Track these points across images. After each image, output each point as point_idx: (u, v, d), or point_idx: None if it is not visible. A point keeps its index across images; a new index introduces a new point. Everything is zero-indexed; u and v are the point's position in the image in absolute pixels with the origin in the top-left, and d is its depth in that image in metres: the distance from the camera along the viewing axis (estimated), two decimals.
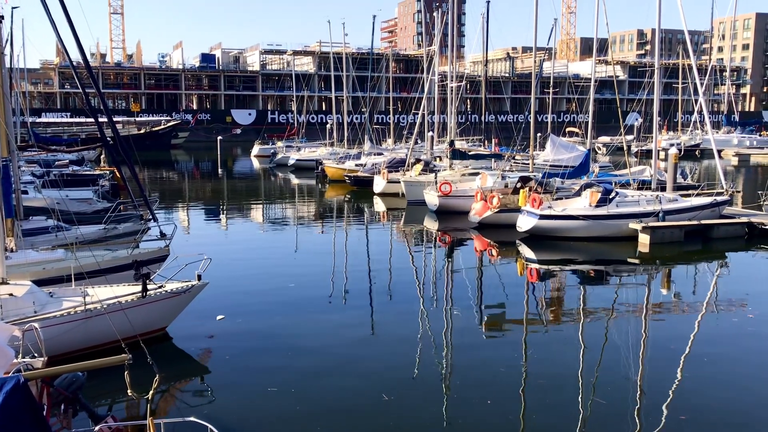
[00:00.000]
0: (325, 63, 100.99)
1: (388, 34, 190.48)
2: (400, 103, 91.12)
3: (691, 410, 11.35)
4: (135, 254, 16.87)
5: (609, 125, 75.33)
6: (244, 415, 11.20)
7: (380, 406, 11.47)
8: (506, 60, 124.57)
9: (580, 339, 15.22)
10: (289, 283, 19.80)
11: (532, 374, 12.99)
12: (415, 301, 18.29)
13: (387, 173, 39.28)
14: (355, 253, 25.28)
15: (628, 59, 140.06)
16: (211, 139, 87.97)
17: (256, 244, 27.28)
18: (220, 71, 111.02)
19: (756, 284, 20.75)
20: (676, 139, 73.57)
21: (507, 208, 28.04)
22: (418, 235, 29.71)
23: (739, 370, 13.38)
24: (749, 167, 64.72)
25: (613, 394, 11.90)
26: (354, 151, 54.74)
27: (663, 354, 14.18)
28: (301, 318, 16.43)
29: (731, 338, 15.39)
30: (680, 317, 17.34)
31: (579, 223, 25.68)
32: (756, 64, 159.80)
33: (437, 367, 13.38)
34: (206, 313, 16.13)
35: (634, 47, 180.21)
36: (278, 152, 65.03)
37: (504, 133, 60.47)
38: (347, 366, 13.39)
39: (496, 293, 19.61)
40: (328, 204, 40.42)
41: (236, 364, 13.40)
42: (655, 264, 23.52)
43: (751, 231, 26.45)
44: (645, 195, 27.25)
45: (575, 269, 23.33)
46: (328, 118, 77.21)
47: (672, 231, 25.46)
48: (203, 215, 36.29)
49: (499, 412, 11.29)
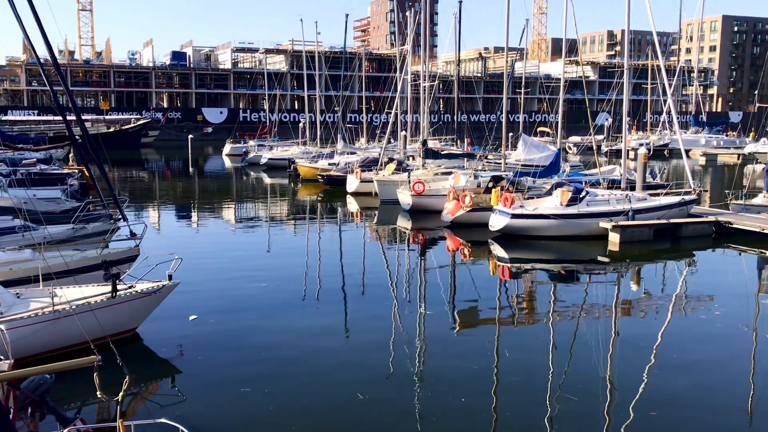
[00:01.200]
0: (297, 62, 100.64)
1: (360, 33, 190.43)
2: (373, 102, 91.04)
3: (660, 406, 11.51)
4: (104, 254, 16.62)
5: (580, 125, 76.10)
6: (216, 415, 11.10)
7: (355, 405, 11.46)
8: (478, 60, 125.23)
9: (552, 337, 15.36)
10: (261, 283, 19.69)
11: (504, 372, 13.08)
12: (389, 300, 18.30)
13: (360, 172, 39.26)
14: (328, 253, 25.22)
15: (598, 60, 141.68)
16: (182, 137, 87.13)
17: (228, 243, 27.08)
18: (191, 69, 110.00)
19: (723, 282, 21.12)
20: (645, 139, 74.65)
21: (479, 207, 28.20)
22: (391, 234, 29.74)
23: (707, 366, 13.61)
24: (716, 167, 65.88)
25: (584, 390, 12.03)
26: (327, 150, 54.62)
27: (633, 351, 14.37)
28: (274, 318, 16.34)
29: (699, 335, 15.65)
30: (649, 315, 17.59)
31: (550, 222, 25.91)
32: (723, 66, 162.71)
33: (411, 365, 13.40)
34: (178, 314, 15.97)
35: (604, 48, 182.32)
36: (250, 151, 64.65)
37: (476, 133, 60.81)
38: (321, 365, 13.34)
39: (468, 292, 19.71)
40: (300, 203, 40.27)
41: (208, 364, 13.29)
42: (624, 262, 23.83)
43: (718, 229, 26.92)
44: (615, 194, 27.59)
45: (546, 268, 23.54)
46: (300, 117, 76.98)
47: (641, 230, 25.81)
48: (174, 215, 35.94)
49: (473, 409, 11.34)
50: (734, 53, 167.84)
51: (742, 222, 26.69)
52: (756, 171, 52.37)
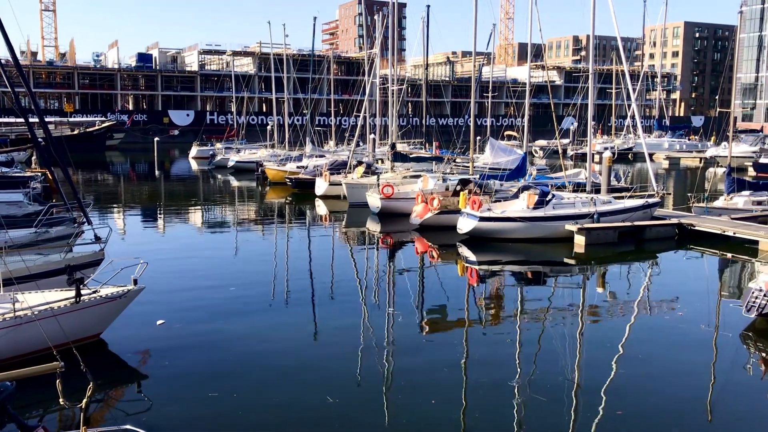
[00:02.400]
0: (265, 64, 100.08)
1: (329, 36, 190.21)
2: (342, 105, 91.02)
3: (626, 405, 11.68)
4: (68, 258, 16.36)
5: (546, 129, 77.12)
6: (183, 421, 10.98)
7: (324, 409, 11.42)
8: (446, 64, 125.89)
9: (519, 338, 15.49)
10: (229, 287, 19.53)
11: (473, 373, 13.16)
12: (357, 303, 18.29)
13: (329, 175, 39.19)
14: (296, 256, 25.12)
15: (564, 64, 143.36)
16: (147, 140, 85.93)
17: (195, 247, 26.81)
18: (157, 71, 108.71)
19: (686, 283, 21.52)
20: (609, 142, 75.74)
21: (447, 210, 28.34)
22: (360, 237, 29.73)
23: (671, 365, 13.85)
24: (679, 170, 67.09)
25: (552, 391, 12.16)
26: (295, 153, 54.41)
27: (599, 351, 14.57)
28: (242, 322, 16.22)
29: (663, 335, 15.91)
30: (615, 316, 17.84)
31: (517, 225, 26.14)
32: (685, 71, 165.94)
33: (380, 368, 13.41)
34: (144, 319, 15.77)
35: (570, 53, 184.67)
36: (217, 154, 64.09)
37: (444, 136, 61.08)
38: (290, 369, 13.29)
39: (437, 295, 19.79)
40: (268, 206, 40.05)
41: (175, 369, 13.13)
42: (590, 264, 24.14)
43: (681, 231, 27.41)
44: (580, 197, 27.95)
45: (514, 270, 23.75)
46: (268, 119, 76.52)
47: (606, 232, 26.18)
48: (140, 218, 35.48)
49: (443, 411, 11.40)
50: (696, 59, 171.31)
51: (704, 224, 27.22)
52: (717, 174, 53.46)
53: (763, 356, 15.01)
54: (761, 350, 15.25)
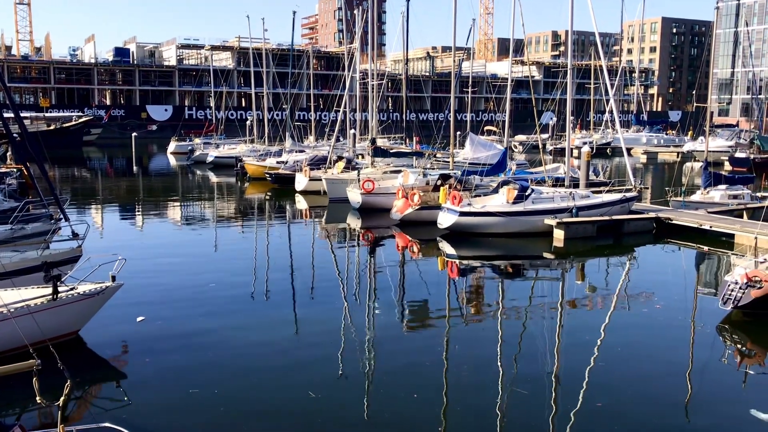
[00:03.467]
0: (244, 59, 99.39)
1: (308, 31, 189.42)
2: (322, 100, 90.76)
3: (606, 397, 11.80)
4: (45, 255, 16.16)
5: (525, 124, 77.51)
6: (164, 418, 10.92)
7: (307, 404, 11.41)
8: (426, 59, 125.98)
9: (500, 332, 15.57)
10: (209, 283, 19.42)
11: (455, 367, 13.21)
12: (338, 298, 18.27)
13: (309, 171, 39.06)
14: (277, 252, 25.04)
15: (543, 60, 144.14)
16: (125, 135, 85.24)
17: (174, 244, 26.61)
18: (134, 66, 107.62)
19: (663, 276, 21.75)
20: (588, 137, 76.26)
21: (428, 205, 28.38)
22: (340, 232, 29.69)
23: (650, 357, 14.00)
24: (657, 164, 67.78)
25: (532, 384, 12.24)
26: (275, 149, 54.15)
27: (578, 344, 14.69)
28: (222, 318, 16.13)
29: (642, 328, 16.08)
30: (594, 309, 17.99)
31: (497, 220, 26.25)
32: (662, 66, 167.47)
33: (362, 363, 13.42)
34: (123, 316, 15.63)
35: (549, 48, 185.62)
36: (196, 149, 63.64)
37: (425, 132, 61.19)
38: (271, 364, 13.25)
39: (418, 289, 19.83)
40: (248, 202, 39.86)
41: (156, 366, 13.04)
42: (569, 258, 24.31)
43: (659, 225, 27.69)
44: (559, 192, 28.12)
45: (494, 264, 23.86)
46: (247, 114, 76.21)
47: (585, 226, 26.38)
48: (118, 215, 35.14)
49: (425, 404, 11.44)
50: (673, 54, 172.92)
51: (681, 218, 27.51)
52: (694, 168, 54.09)
53: (739, 348, 15.23)
54: (737, 342, 15.47)
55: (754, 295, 15.54)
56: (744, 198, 31.39)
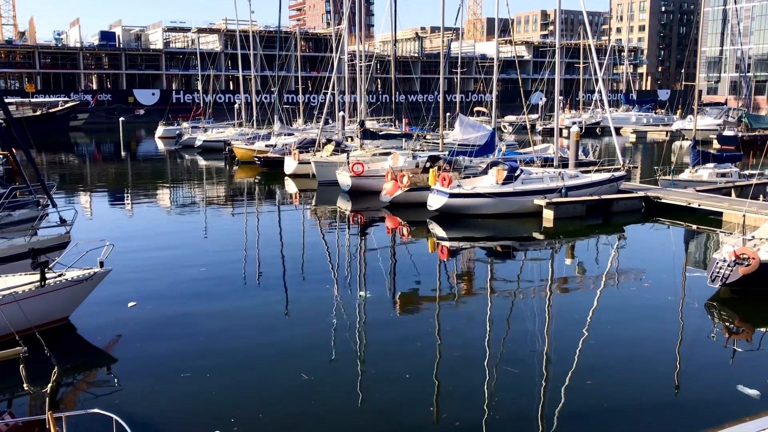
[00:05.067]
0: (231, 41, 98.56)
1: (296, 12, 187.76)
2: (310, 82, 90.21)
3: (596, 375, 11.88)
4: (33, 242, 16.06)
5: (515, 104, 77.33)
6: (155, 402, 10.92)
7: (299, 386, 11.43)
8: (415, 40, 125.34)
9: (490, 312, 15.63)
10: (199, 267, 19.37)
11: (446, 348, 13.27)
12: (329, 281, 18.28)
13: (298, 154, 38.91)
14: (267, 236, 24.99)
15: (532, 40, 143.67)
16: (112, 120, 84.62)
17: (164, 229, 26.51)
18: (120, 50, 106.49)
19: (652, 255, 21.87)
20: (577, 117, 76.25)
21: (417, 187, 28.35)
22: (330, 215, 29.65)
23: (639, 335, 14.11)
24: (646, 144, 67.93)
25: (523, 363, 12.31)
26: (263, 132, 53.83)
27: (568, 323, 14.78)
28: (214, 302, 16.12)
29: (631, 306, 16.18)
30: (583, 288, 18.09)
31: (487, 201, 26.27)
32: (651, 45, 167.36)
33: (354, 345, 13.45)
34: (114, 301, 15.61)
35: (538, 28, 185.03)
36: (184, 133, 63.23)
37: (414, 113, 60.95)
38: (263, 348, 13.26)
39: (408, 271, 19.84)
40: (237, 186, 39.71)
41: (147, 351, 13.03)
42: (558, 238, 24.39)
43: (647, 204, 27.79)
44: (548, 172, 28.14)
45: (484, 245, 23.91)
46: (235, 97, 75.60)
47: (574, 206, 26.44)
48: (107, 200, 34.94)
49: (417, 385, 11.50)
50: (662, 33, 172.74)
51: (669, 197, 27.62)
52: (683, 147, 54.22)
53: (727, 325, 15.36)
54: (725, 319, 15.59)
55: (742, 272, 15.64)
56: (732, 176, 31.53)
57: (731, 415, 9.26)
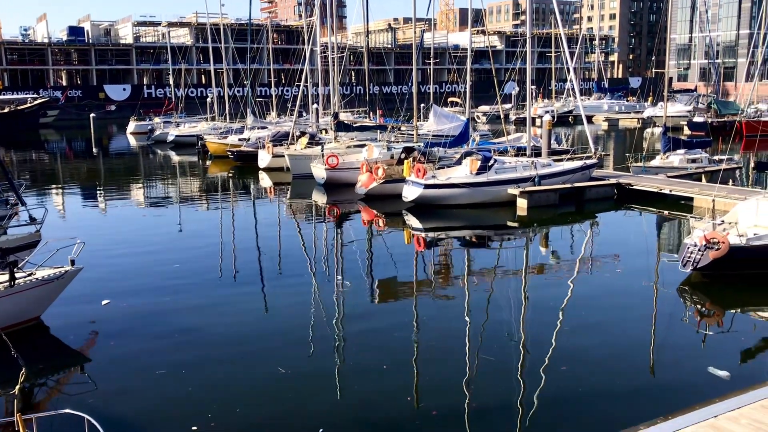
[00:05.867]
0: (202, 35, 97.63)
1: (267, 5, 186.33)
2: (283, 75, 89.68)
3: (571, 361, 12.01)
4: (1, 241, 15.81)
5: (488, 94, 77.54)
6: (130, 401, 10.82)
7: (277, 380, 11.41)
8: (388, 31, 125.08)
9: (467, 302, 15.72)
10: (174, 264, 19.21)
11: (424, 338, 13.33)
12: (306, 275, 18.24)
13: (272, 147, 38.69)
14: (242, 231, 24.84)
15: (504, 29, 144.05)
16: (83, 116, 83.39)
17: (137, 225, 26.22)
18: (90, 45, 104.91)
19: (625, 241, 22.12)
20: (550, 106, 76.70)
21: (392, 178, 28.36)
22: (306, 209, 29.56)
23: (612, 320, 14.29)
24: (618, 131, 68.52)
25: (499, 350, 12.42)
26: (236, 126, 53.40)
27: (543, 310, 14.91)
28: (189, 298, 16.01)
29: (605, 292, 16.38)
30: (558, 275, 18.25)
31: (461, 191, 26.36)
32: (622, 33, 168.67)
33: (332, 337, 13.44)
34: (87, 299, 15.43)
35: (510, 17, 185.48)
36: (156, 128, 62.51)
37: (388, 104, 60.94)
38: (240, 342, 13.20)
39: (385, 263, 19.86)
40: (211, 181, 39.41)
41: (121, 349, 12.90)
42: (532, 227, 24.57)
43: (620, 191, 28.08)
44: (521, 161, 28.30)
45: (459, 235, 24.01)
46: (208, 91, 75.01)
47: (547, 195, 26.64)
48: (79, 198, 34.49)
49: (396, 375, 11.56)
50: (633, 21, 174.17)
51: (641, 183, 27.93)
52: (654, 134, 54.83)
53: (698, 309, 15.61)
54: (696, 303, 15.84)
55: (713, 256, 15.88)
56: (702, 162, 31.96)
57: (702, 396, 9.41)
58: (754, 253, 16.26)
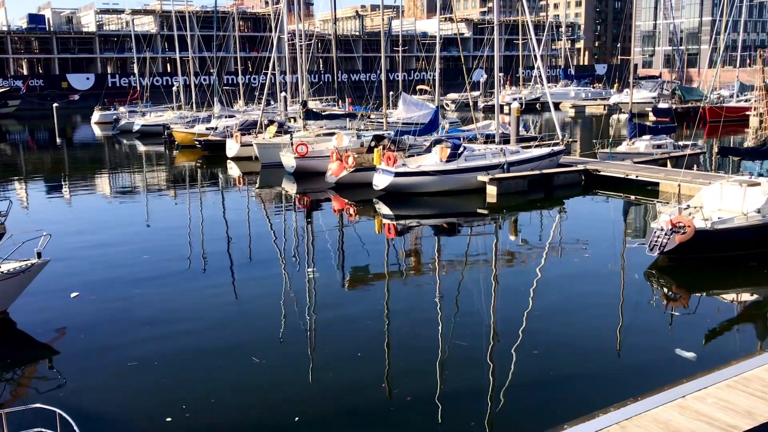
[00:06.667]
0: (167, 22, 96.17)
1: None
2: (250, 63, 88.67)
3: (542, 344, 12.18)
4: None
5: (457, 82, 77.67)
6: (102, 394, 10.72)
7: (250, 369, 11.39)
8: (356, 18, 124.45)
9: (439, 288, 15.81)
10: (143, 255, 18.99)
11: (396, 325, 13.40)
12: (277, 264, 18.18)
13: (240, 136, 38.35)
14: (210, 221, 24.62)
15: (472, 17, 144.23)
16: (46, 106, 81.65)
17: (103, 216, 25.84)
18: (51, 33, 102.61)
19: (592, 226, 22.42)
20: (518, 93, 77.10)
21: (363, 167, 28.31)
22: (276, 198, 29.40)
23: (582, 304, 14.50)
24: (585, 118, 69.23)
25: (472, 336, 12.52)
26: (203, 114, 52.75)
27: (514, 295, 15.08)
28: (159, 289, 15.86)
29: (574, 277, 16.59)
30: (527, 261, 18.45)
31: (432, 179, 26.44)
32: (588, 20, 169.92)
33: (304, 326, 13.44)
34: (56, 292, 15.21)
35: (477, 4, 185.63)
36: (121, 118, 61.50)
37: (357, 92, 60.69)
38: (212, 333, 13.12)
39: (356, 251, 19.87)
40: (178, 171, 38.96)
41: (91, 341, 12.74)
42: (502, 213, 24.77)
43: (587, 177, 28.40)
44: (491, 148, 28.46)
45: (430, 223, 24.12)
46: (174, 80, 73.93)
47: (517, 181, 26.85)
48: (43, 190, 33.84)
49: (370, 362, 11.61)
50: (598, 8, 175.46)
51: (608, 169, 28.28)
52: (620, 120, 55.46)
53: (665, 292, 15.91)
54: (663, 286, 16.15)
55: (679, 240, 16.18)
56: (667, 147, 32.44)
57: (671, 377, 9.61)
58: (718, 237, 16.62)
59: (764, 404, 8.29)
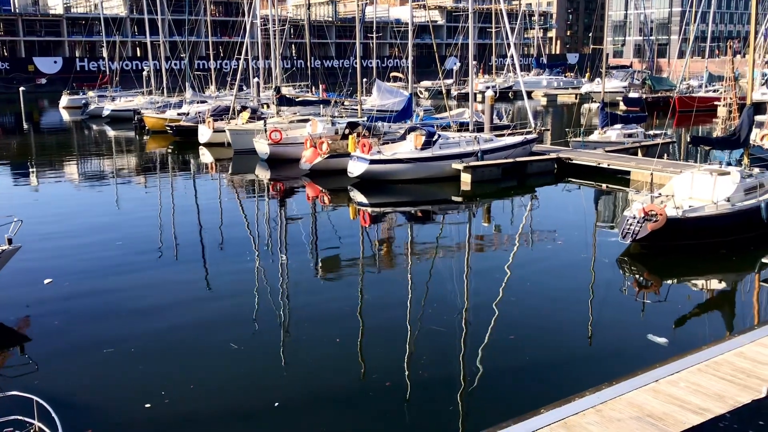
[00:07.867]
0: (137, 5, 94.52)
1: None
2: (222, 48, 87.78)
3: (517, 330, 12.34)
4: None
5: (430, 69, 77.70)
6: (79, 381, 10.63)
7: (229, 355, 11.37)
8: (329, 4, 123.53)
9: (414, 274, 15.90)
10: (116, 241, 18.78)
11: (372, 312, 13.45)
12: (250, 252, 18.11)
13: (212, 122, 37.98)
14: (183, 208, 24.42)
15: (445, 4, 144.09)
16: (11, 90, 79.98)
17: (74, 203, 25.50)
18: (17, 15, 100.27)
19: (564, 214, 22.69)
20: (491, 82, 77.37)
21: (337, 153, 28.26)
22: (249, 185, 29.22)
23: (556, 291, 14.69)
24: (557, 107, 69.78)
25: (447, 322, 12.63)
26: (175, 100, 52.16)
27: (488, 282, 15.22)
28: (134, 276, 15.73)
29: (547, 264, 16.79)
30: (501, 248, 18.63)
31: (406, 166, 26.49)
32: (560, 10, 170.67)
33: (279, 313, 13.43)
34: (28, 279, 14.99)
35: None
36: (90, 103, 60.50)
37: (331, 79, 60.36)
38: (187, 320, 13.07)
39: (330, 239, 19.89)
40: (149, 157, 38.50)
41: (66, 329, 12.61)
42: (476, 201, 24.94)
43: (560, 165, 28.68)
44: (464, 136, 28.58)
45: (404, 210, 24.20)
46: (144, 65, 72.90)
47: (490, 169, 27.03)
48: (10, 176, 33.19)
49: (347, 348, 11.67)
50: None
51: (580, 157, 28.59)
52: (592, 109, 56.00)
53: (637, 279, 16.19)
54: (635, 273, 16.42)
55: (651, 228, 16.45)
56: (638, 136, 32.85)
57: (644, 362, 9.81)
58: (689, 225, 16.93)
59: (734, 388, 8.51)
